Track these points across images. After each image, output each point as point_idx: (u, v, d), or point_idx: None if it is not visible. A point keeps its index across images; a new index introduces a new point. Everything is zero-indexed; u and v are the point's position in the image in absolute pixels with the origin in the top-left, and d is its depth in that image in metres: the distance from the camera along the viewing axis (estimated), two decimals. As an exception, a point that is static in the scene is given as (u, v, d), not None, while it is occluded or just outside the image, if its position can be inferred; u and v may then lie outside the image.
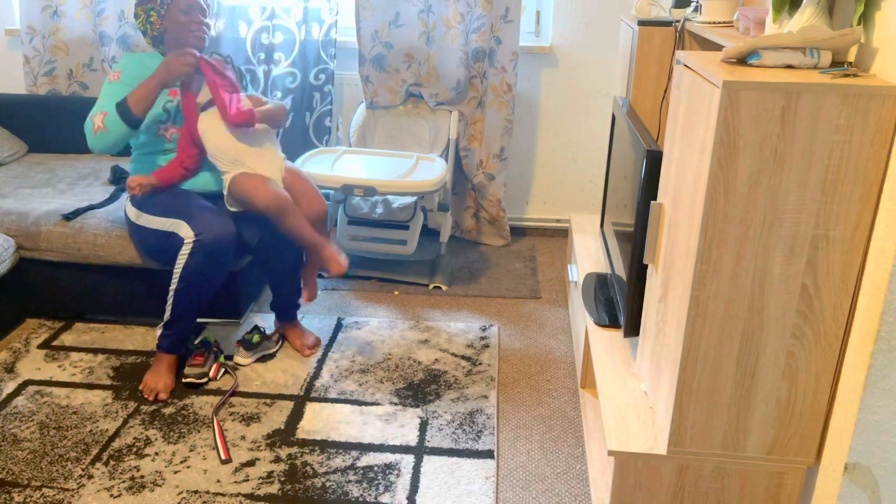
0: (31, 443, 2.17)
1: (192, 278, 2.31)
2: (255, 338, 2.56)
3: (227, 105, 2.34)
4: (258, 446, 2.17)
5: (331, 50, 3.35)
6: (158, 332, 2.43)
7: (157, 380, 2.39)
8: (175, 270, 2.33)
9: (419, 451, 2.16)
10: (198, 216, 2.34)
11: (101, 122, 2.32)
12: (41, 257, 2.70)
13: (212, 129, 2.40)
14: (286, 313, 2.69)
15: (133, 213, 2.49)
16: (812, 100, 1.43)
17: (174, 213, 2.38)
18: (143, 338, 2.72)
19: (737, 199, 1.52)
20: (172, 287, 2.34)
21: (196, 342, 2.52)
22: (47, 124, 3.42)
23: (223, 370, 2.51)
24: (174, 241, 2.35)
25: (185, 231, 2.33)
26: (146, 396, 2.36)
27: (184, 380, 2.40)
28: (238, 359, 2.56)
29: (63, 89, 3.48)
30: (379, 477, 2.06)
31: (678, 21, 2.44)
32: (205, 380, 2.41)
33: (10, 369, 2.53)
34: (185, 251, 2.31)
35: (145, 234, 2.47)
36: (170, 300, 2.36)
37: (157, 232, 2.42)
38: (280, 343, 2.69)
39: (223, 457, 2.11)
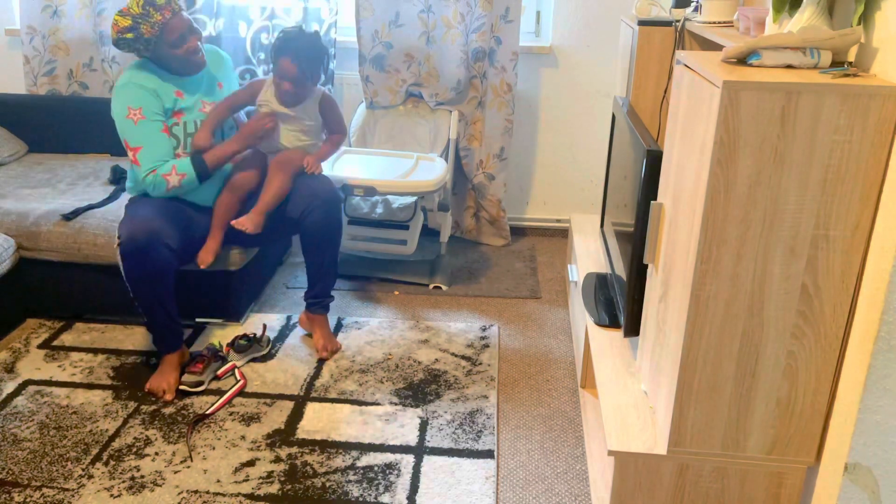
0: (31, 443, 2.17)
1: (132, 282, 2.31)
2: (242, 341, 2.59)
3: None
4: (258, 446, 2.17)
5: (331, 50, 3.35)
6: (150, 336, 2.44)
7: (161, 380, 2.40)
8: None
9: (419, 451, 2.16)
10: (126, 218, 2.33)
11: (176, 181, 2.39)
12: (41, 257, 2.70)
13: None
14: (319, 304, 2.68)
15: None
16: (812, 100, 1.43)
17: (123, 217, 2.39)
18: (143, 338, 2.72)
19: (737, 199, 1.52)
20: (131, 293, 2.36)
21: (204, 348, 2.52)
22: (47, 124, 3.42)
23: (230, 373, 2.50)
24: None
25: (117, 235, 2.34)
26: (157, 397, 2.37)
27: (179, 387, 2.40)
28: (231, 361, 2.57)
29: (63, 89, 3.48)
30: (379, 477, 2.06)
31: (678, 21, 2.44)
32: (199, 388, 2.40)
33: (10, 369, 2.53)
34: (118, 257, 2.32)
35: None
36: (136, 304, 2.38)
37: None
38: (271, 345, 2.68)
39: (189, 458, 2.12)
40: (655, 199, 1.92)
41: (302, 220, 2.50)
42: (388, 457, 2.13)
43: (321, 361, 2.59)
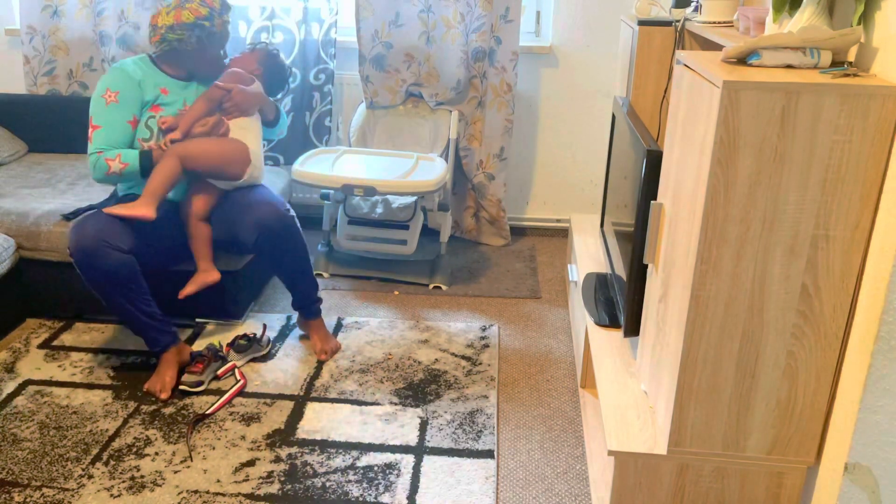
0: (31, 443, 2.17)
1: (94, 290, 2.32)
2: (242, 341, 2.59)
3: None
4: (258, 446, 2.17)
5: (331, 50, 3.35)
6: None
7: (157, 381, 2.40)
8: None
9: (419, 451, 2.16)
10: (73, 225, 2.32)
11: (118, 168, 2.37)
12: (41, 257, 2.70)
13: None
14: (306, 310, 2.67)
15: None
16: (812, 100, 1.43)
17: None
18: (143, 338, 2.72)
19: (737, 199, 1.52)
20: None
21: (204, 347, 2.52)
22: (47, 124, 3.42)
23: (230, 373, 2.50)
24: None
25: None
26: (155, 397, 2.37)
27: (179, 387, 2.41)
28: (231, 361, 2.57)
29: (63, 89, 3.48)
30: (379, 477, 2.06)
31: (678, 21, 2.44)
32: (199, 388, 2.40)
33: (10, 369, 2.53)
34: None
35: None
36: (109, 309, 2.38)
37: None
38: (271, 345, 2.68)
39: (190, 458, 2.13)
40: (655, 199, 1.92)
41: (256, 248, 2.48)
42: (388, 457, 2.13)
43: (322, 362, 2.59)
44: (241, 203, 2.50)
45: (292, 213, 2.52)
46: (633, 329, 2.08)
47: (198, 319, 2.83)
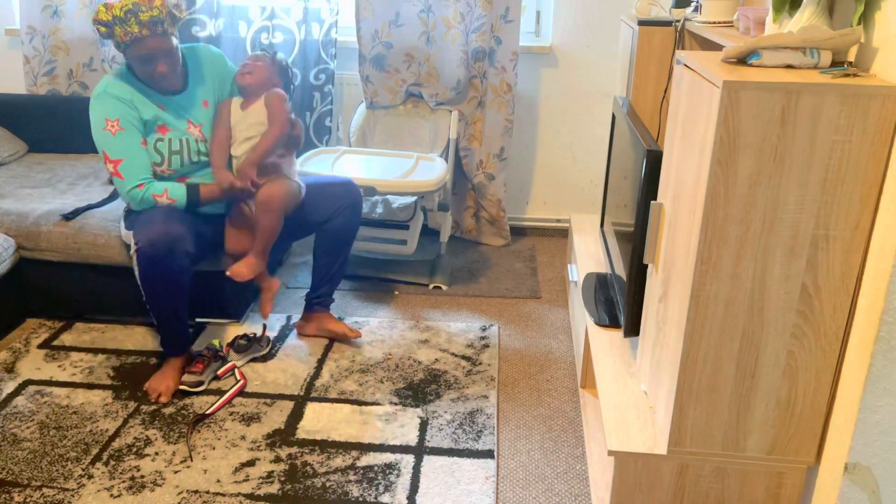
0: (31, 443, 2.17)
1: (147, 286, 2.30)
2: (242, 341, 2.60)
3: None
4: (258, 446, 2.17)
5: (331, 50, 3.35)
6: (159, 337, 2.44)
7: (160, 382, 2.40)
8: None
9: (419, 451, 2.16)
10: (143, 224, 2.30)
11: (164, 203, 2.36)
12: (41, 257, 2.70)
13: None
14: (323, 302, 2.73)
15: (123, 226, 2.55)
16: (812, 100, 1.43)
17: (134, 225, 2.36)
18: (143, 338, 2.72)
19: (737, 199, 1.52)
20: (144, 296, 2.35)
21: (204, 347, 2.52)
22: (47, 124, 3.42)
23: (230, 373, 2.50)
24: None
25: (132, 241, 2.32)
26: (150, 398, 2.37)
27: (179, 386, 2.40)
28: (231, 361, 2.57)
29: (63, 89, 3.48)
30: (379, 477, 2.06)
31: (678, 21, 2.44)
32: (199, 388, 2.40)
33: (10, 369, 2.53)
34: (133, 261, 2.30)
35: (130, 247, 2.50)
36: (148, 308, 2.37)
37: (129, 245, 2.44)
38: (271, 345, 2.68)
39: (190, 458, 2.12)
40: (655, 199, 1.92)
41: (324, 223, 2.57)
42: (388, 457, 2.14)
43: (321, 362, 2.59)
44: (309, 187, 2.59)
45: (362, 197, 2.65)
46: (633, 329, 2.08)
47: (198, 319, 2.83)
